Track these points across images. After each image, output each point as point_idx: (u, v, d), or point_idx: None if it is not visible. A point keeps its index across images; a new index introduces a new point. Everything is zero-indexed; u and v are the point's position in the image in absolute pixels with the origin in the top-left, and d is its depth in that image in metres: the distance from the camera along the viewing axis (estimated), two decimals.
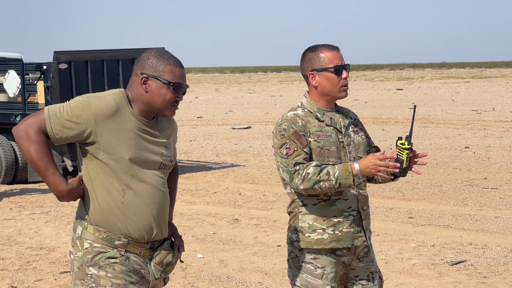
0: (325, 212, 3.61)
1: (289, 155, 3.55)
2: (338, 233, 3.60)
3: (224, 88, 49.52)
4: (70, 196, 3.16)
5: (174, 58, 3.21)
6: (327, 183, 3.49)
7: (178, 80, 3.19)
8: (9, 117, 12.24)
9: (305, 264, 3.64)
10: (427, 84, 49.39)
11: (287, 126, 3.58)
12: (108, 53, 12.24)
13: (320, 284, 3.62)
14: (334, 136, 3.63)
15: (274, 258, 7.16)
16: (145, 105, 3.20)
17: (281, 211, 9.34)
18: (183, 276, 6.61)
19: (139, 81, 3.20)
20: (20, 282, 6.52)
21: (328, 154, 3.59)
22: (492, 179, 11.60)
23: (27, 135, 3.10)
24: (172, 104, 3.20)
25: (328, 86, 3.63)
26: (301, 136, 3.56)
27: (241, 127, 21.29)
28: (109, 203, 3.16)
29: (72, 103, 3.16)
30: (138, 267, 3.21)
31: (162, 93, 3.18)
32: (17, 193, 11.39)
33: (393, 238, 7.86)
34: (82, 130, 3.11)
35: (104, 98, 3.16)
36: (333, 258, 3.63)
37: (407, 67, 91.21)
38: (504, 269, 6.60)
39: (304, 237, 3.62)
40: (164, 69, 3.17)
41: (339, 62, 3.63)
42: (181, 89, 3.20)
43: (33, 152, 3.08)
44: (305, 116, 3.63)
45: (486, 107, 26.83)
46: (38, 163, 3.09)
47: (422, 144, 16.43)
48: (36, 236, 8.37)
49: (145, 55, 3.21)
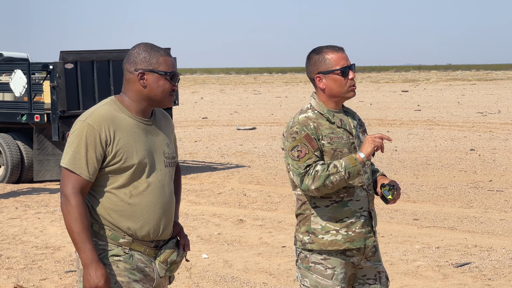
0: (337, 213, 3.62)
1: (301, 157, 3.55)
2: (351, 233, 3.62)
3: (230, 89, 49.54)
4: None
5: (163, 49, 3.25)
6: (337, 176, 3.50)
7: (172, 69, 3.23)
8: (15, 117, 12.26)
9: (314, 265, 3.64)
10: (433, 86, 49.33)
11: (299, 129, 3.58)
12: (114, 53, 12.26)
13: (330, 284, 3.63)
14: (346, 138, 3.64)
15: (278, 259, 7.16)
16: (145, 100, 3.21)
17: (286, 212, 9.34)
18: (187, 276, 6.62)
19: (135, 78, 3.20)
20: (26, 281, 6.54)
21: (341, 156, 3.61)
22: (497, 181, 11.59)
23: (66, 197, 3.12)
24: (170, 93, 3.23)
25: (336, 88, 3.63)
26: (313, 140, 3.56)
27: (246, 128, 21.29)
28: (116, 204, 3.17)
29: (75, 136, 3.14)
30: (142, 265, 3.22)
31: (161, 85, 3.20)
32: (23, 192, 11.41)
33: (398, 240, 7.85)
34: (101, 149, 3.13)
35: (96, 111, 3.17)
36: (343, 259, 3.64)
37: (413, 69, 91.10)
38: (509, 272, 6.59)
39: (317, 239, 3.62)
40: (158, 61, 3.20)
41: (345, 63, 3.63)
42: (176, 77, 3.24)
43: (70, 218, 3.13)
44: (316, 118, 3.62)
45: (491, 110, 26.79)
46: (72, 229, 3.14)
47: (427, 146, 16.41)
48: (42, 235, 8.39)
49: (135, 52, 3.22)
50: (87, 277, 3.11)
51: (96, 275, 3.09)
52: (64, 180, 3.14)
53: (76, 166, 3.11)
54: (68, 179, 3.13)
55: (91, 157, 3.12)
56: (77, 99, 11.78)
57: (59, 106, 11.61)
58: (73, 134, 3.15)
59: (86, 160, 3.12)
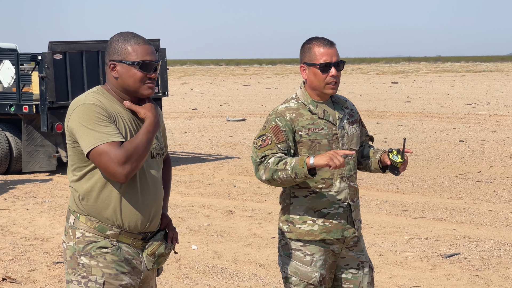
0: (315, 203, 3.63)
1: (262, 147, 3.58)
2: (328, 224, 3.63)
3: (219, 80, 49.45)
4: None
5: (136, 38, 3.16)
6: (284, 173, 3.49)
7: (142, 58, 3.14)
8: (3, 108, 12.20)
9: (294, 252, 3.67)
10: (422, 77, 49.40)
11: (271, 119, 3.61)
12: (103, 44, 12.18)
13: (309, 271, 3.64)
14: (327, 129, 3.63)
15: (268, 250, 7.16)
16: (121, 91, 3.18)
17: (275, 203, 9.35)
18: (177, 267, 6.61)
19: (109, 69, 3.19)
20: (14, 272, 6.51)
21: (319, 148, 3.61)
22: (486, 172, 11.62)
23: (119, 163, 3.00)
24: (146, 82, 3.16)
25: (315, 82, 3.64)
26: (280, 132, 3.57)
27: (236, 119, 21.27)
28: (104, 195, 3.14)
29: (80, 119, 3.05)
30: (130, 258, 3.20)
31: (131, 74, 3.14)
32: (11, 183, 11.37)
33: (387, 231, 7.87)
34: (109, 119, 3.09)
35: (87, 97, 3.13)
36: (322, 246, 3.66)
37: (403, 61, 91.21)
38: (497, 262, 6.62)
39: (295, 228, 3.65)
40: (126, 51, 3.14)
41: (327, 59, 3.60)
42: (148, 66, 3.15)
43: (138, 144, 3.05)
44: (297, 109, 3.63)
45: (481, 101, 26.85)
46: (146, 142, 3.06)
47: (417, 137, 16.44)
48: (30, 226, 8.36)
49: (110, 42, 3.19)
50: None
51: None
52: (102, 159, 2.99)
53: (102, 139, 3.01)
54: (106, 156, 2.99)
55: (106, 124, 3.04)
56: (66, 90, 11.73)
57: (48, 97, 11.56)
58: (78, 118, 3.06)
59: (110, 128, 3.04)
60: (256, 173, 3.59)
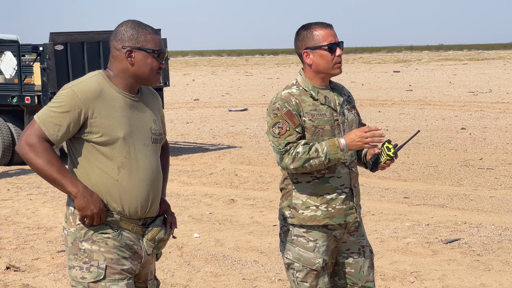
0: (318, 189, 3.64)
1: (281, 134, 3.56)
2: (331, 210, 3.65)
3: (221, 70, 49.43)
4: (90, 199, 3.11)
5: (150, 27, 3.23)
6: (317, 160, 3.52)
7: (160, 47, 3.22)
8: (5, 99, 12.23)
9: (297, 238, 3.68)
10: (424, 66, 49.34)
11: (281, 105, 3.59)
12: (104, 35, 12.22)
13: (312, 257, 3.66)
14: (329, 115, 3.65)
15: (269, 238, 7.20)
16: (132, 78, 3.21)
17: (277, 191, 9.37)
18: (179, 255, 6.65)
19: (122, 56, 3.19)
20: (18, 260, 6.56)
21: (322, 133, 3.62)
22: (487, 159, 11.64)
23: (30, 146, 3.08)
24: (157, 71, 3.22)
25: (322, 64, 3.64)
26: (294, 116, 3.57)
27: (237, 109, 21.29)
28: (103, 181, 3.17)
29: (58, 98, 3.13)
30: (130, 243, 3.23)
31: (148, 63, 3.19)
32: (15, 174, 11.42)
33: (388, 218, 7.90)
34: (76, 116, 3.10)
35: (85, 82, 3.16)
36: (325, 232, 3.67)
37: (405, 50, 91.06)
38: (498, 247, 6.65)
39: (297, 214, 3.66)
40: (145, 39, 3.18)
41: (333, 40, 3.64)
42: (163, 55, 3.23)
43: (42, 161, 3.06)
44: (299, 95, 3.64)
45: (483, 89, 26.83)
46: (50, 171, 3.06)
47: (419, 125, 16.45)
48: (34, 216, 8.40)
49: (122, 29, 3.21)
50: (83, 205, 3.09)
51: (93, 199, 3.11)
52: (31, 130, 3.10)
53: (47, 126, 3.10)
54: (35, 131, 3.10)
55: (64, 124, 3.10)
56: (67, 80, 11.73)
57: (50, 87, 11.59)
58: (58, 96, 3.14)
59: (59, 125, 3.10)
60: (281, 162, 3.55)
